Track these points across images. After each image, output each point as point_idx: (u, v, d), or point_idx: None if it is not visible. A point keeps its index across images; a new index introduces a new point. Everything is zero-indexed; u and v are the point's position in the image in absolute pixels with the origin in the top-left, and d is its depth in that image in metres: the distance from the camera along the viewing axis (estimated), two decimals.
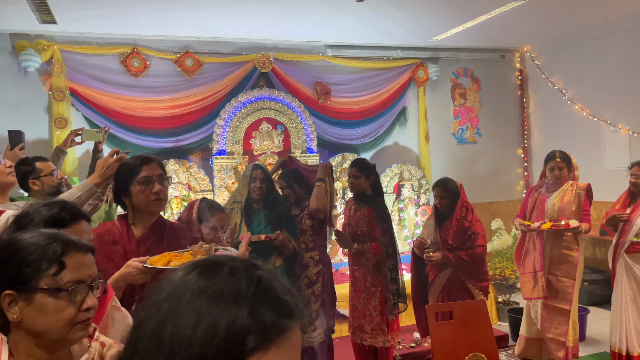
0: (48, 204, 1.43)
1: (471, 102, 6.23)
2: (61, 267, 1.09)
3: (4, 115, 4.50)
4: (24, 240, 1.11)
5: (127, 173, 1.98)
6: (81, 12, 4.11)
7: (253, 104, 5.07)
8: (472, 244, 3.35)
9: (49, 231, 1.16)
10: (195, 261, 0.65)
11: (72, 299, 1.09)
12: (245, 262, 0.64)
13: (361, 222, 3.40)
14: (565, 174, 3.76)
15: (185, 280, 0.61)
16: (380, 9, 4.39)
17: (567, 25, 5.27)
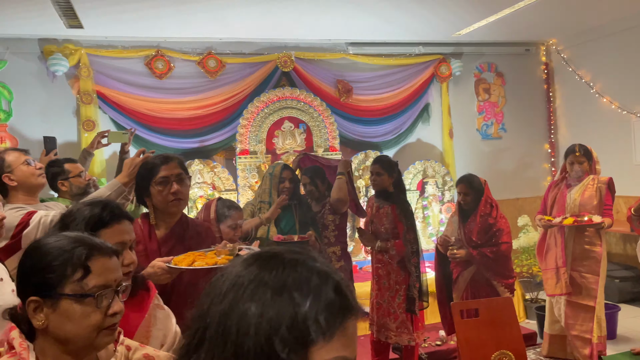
0: (91, 203, 1.44)
1: (495, 97, 6.14)
2: (86, 272, 1.07)
3: (35, 119, 4.62)
4: (48, 245, 1.09)
5: (147, 173, 1.99)
6: (107, 17, 4.19)
7: (275, 104, 5.10)
8: (497, 240, 3.32)
9: (74, 235, 1.14)
10: (254, 254, 0.67)
11: (98, 305, 1.07)
12: (303, 255, 0.66)
13: (384, 219, 3.39)
14: (586, 168, 3.69)
15: (248, 271, 0.64)
16: (401, 5, 4.36)
17: (594, 16, 5.15)
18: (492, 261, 3.30)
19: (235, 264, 0.67)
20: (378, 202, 3.48)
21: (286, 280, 0.61)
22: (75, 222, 1.38)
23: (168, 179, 1.96)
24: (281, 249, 0.68)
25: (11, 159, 2.29)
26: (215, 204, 2.79)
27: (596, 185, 3.65)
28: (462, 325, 2.66)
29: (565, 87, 6.14)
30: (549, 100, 6.32)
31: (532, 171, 6.22)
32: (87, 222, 1.37)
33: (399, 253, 3.34)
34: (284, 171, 3.37)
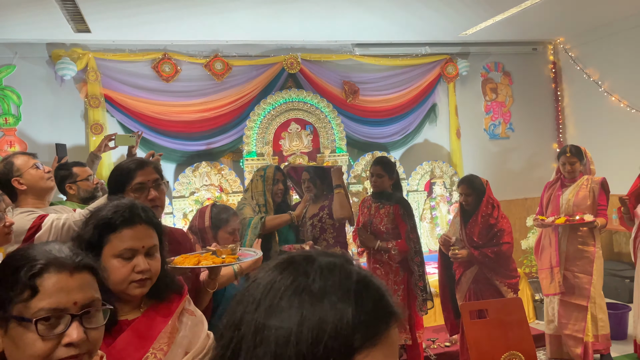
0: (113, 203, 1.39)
1: (503, 97, 6.11)
2: (33, 291, 0.90)
3: (43, 123, 4.66)
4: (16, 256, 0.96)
5: (121, 179, 1.88)
6: (114, 21, 4.22)
7: (282, 105, 5.10)
8: (498, 240, 3.32)
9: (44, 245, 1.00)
10: (285, 258, 0.63)
11: (40, 332, 0.89)
12: (339, 258, 0.63)
13: (385, 219, 3.41)
14: (578, 168, 3.72)
15: (282, 277, 0.60)
16: (407, 6, 4.35)
17: (602, 14, 5.11)
18: (494, 261, 3.30)
19: (267, 268, 0.63)
20: (378, 202, 3.49)
21: (325, 285, 0.58)
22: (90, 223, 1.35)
23: (145, 185, 1.86)
24: (314, 252, 0.64)
25: (20, 163, 2.30)
26: (209, 210, 2.69)
27: (590, 185, 3.68)
28: (471, 326, 2.64)
29: (573, 85, 6.10)
30: (557, 99, 6.28)
31: (541, 171, 6.17)
32: (95, 225, 1.34)
33: (402, 253, 3.36)
34: (277, 173, 3.35)
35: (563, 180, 3.84)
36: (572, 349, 3.67)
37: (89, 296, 0.96)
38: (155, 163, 1.97)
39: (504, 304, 2.77)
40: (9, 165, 2.30)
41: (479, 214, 3.36)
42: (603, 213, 3.64)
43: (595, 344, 3.64)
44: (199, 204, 4.80)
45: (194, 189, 4.84)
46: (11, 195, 2.28)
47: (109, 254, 1.34)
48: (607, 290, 4.86)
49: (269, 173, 3.32)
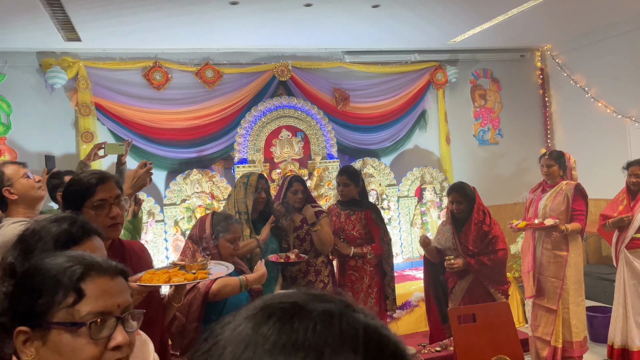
0: (56, 219, 1.27)
1: (492, 103, 6.18)
2: (79, 295, 0.89)
3: (33, 132, 4.65)
4: (42, 265, 0.94)
5: (79, 194, 1.73)
6: (104, 29, 4.23)
7: (273, 112, 5.13)
8: (494, 247, 3.31)
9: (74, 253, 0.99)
10: (266, 304, 0.47)
11: (93, 336, 0.88)
12: (335, 303, 0.47)
13: (358, 225, 3.49)
14: (556, 171, 3.77)
15: (262, 333, 0.44)
16: (396, 14, 4.40)
17: (588, 21, 5.20)
18: (490, 269, 3.29)
19: (239, 318, 0.47)
20: (347, 209, 3.56)
21: (324, 347, 0.43)
22: (43, 241, 1.20)
23: (106, 201, 1.74)
24: (301, 295, 0.48)
25: (10, 173, 2.28)
26: (210, 219, 2.61)
27: (565, 190, 3.72)
28: (459, 330, 2.67)
29: (561, 92, 6.19)
30: (545, 105, 6.36)
31: (530, 176, 6.23)
32: (56, 240, 1.21)
33: (378, 256, 3.47)
34: (260, 181, 3.28)
35: (545, 185, 3.89)
36: (540, 351, 3.75)
37: (128, 300, 0.96)
38: (117, 178, 1.85)
39: (491, 309, 2.80)
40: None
41: (472, 221, 3.35)
42: (580, 218, 3.66)
43: (569, 350, 3.67)
44: (190, 211, 4.80)
45: (185, 196, 4.85)
46: (1, 206, 2.27)
47: None
48: (596, 294, 4.93)
49: (252, 181, 3.27)
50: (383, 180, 5.43)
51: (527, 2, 4.33)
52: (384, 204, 5.38)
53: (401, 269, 5.29)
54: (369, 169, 5.42)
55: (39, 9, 3.66)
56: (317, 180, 5.15)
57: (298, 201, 3.38)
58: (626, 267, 3.65)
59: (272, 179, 5.02)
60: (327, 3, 4.00)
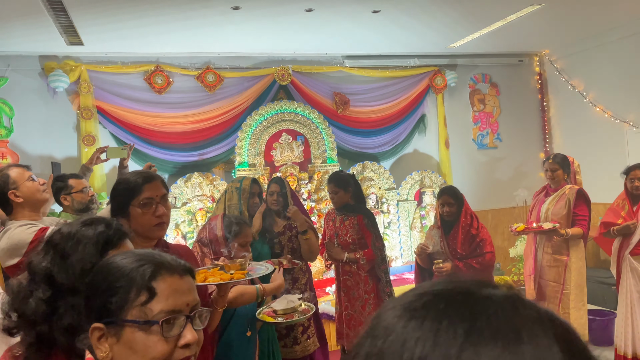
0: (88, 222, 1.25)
1: (490, 108, 6.22)
2: (151, 294, 0.91)
3: (35, 135, 4.68)
4: (114, 264, 0.97)
5: (128, 193, 1.75)
6: (106, 34, 4.26)
7: (273, 116, 5.16)
8: (482, 250, 3.33)
9: (142, 251, 1.00)
10: (434, 292, 0.44)
11: (164, 334, 0.90)
12: (500, 288, 0.45)
13: (351, 230, 3.47)
14: (560, 175, 3.76)
15: (445, 323, 0.41)
16: (395, 19, 4.44)
17: (586, 27, 5.24)
18: (479, 272, 3.30)
19: (401, 310, 0.44)
20: (341, 214, 3.54)
21: (518, 326, 0.41)
22: (82, 245, 1.19)
23: (152, 200, 1.75)
24: (461, 283, 0.46)
25: (16, 176, 2.27)
26: (221, 221, 2.52)
27: (567, 195, 3.72)
28: None
29: (559, 96, 6.23)
30: (543, 110, 6.40)
31: (528, 180, 6.28)
32: (96, 243, 1.20)
33: (370, 261, 3.42)
34: (254, 185, 3.20)
35: (548, 189, 3.90)
36: None
37: (196, 298, 0.98)
38: (162, 177, 1.88)
39: None
40: (4, 177, 2.26)
41: (460, 225, 3.36)
42: (582, 223, 3.65)
43: None
44: (191, 214, 4.83)
45: (186, 199, 4.87)
46: (5, 208, 2.25)
47: None
48: (594, 297, 4.96)
49: (246, 185, 3.16)
50: (383, 184, 5.46)
51: (526, 7, 4.37)
52: (384, 208, 5.40)
53: (400, 272, 5.32)
54: (368, 172, 5.45)
55: (42, 13, 3.69)
56: (317, 183, 5.17)
57: (274, 203, 3.31)
58: (630, 273, 3.61)
59: None
60: (327, 8, 4.04)
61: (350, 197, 3.51)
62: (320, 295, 4.54)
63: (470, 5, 4.21)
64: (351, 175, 3.63)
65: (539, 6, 4.35)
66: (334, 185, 3.50)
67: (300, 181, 5.09)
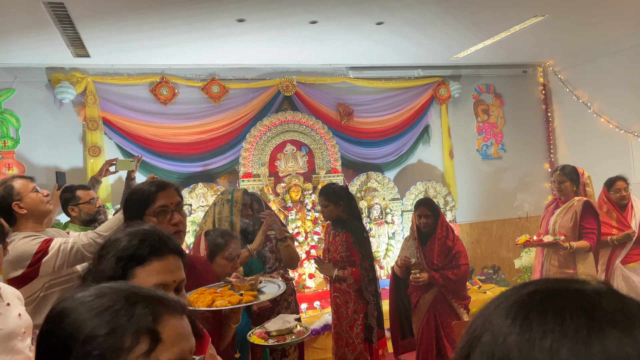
0: (132, 231, 1.14)
1: (494, 118, 6.23)
2: (155, 340, 0.70)
3: (42, 146, 4.71)
4: (83, 305, 0.72)
5: (141, 201, 1.72)
6: (113, 46, 4.30)
7: (277, 127, 5.18)
8: (457, 262, 3.32)
9: (118, 285, 0.77)
10: (532, 289, 0.50)
11: None
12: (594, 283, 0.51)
13: (339, 247, 3.33)
14: (568, 187, 3.71)
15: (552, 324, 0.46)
16: (399, 31, 4.47)
17: (589, 38, 5.25)
18: (454, 283, 3.29)
19: (501, 317, 0.49)
20: (334, 229, 3.41)
21: (625, 317, 0.46)
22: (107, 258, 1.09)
23: (167, 208, 1.72)
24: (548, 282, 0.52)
25: (20, 187, 2.27)
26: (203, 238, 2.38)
27: (575, 207, 3.69)
28: None
29: (563, 107, 6.23)
30: (548, 121, 6.40)
31: (533, 190, 6.26)
32: (118, 258, 1.09)
33: (357, 282, 3.27)
34: (245, 197, 3.06)
35: (558, 201, 3.86)
36: None
37: (194, 342, 0.79)
38: (177, 185, 1.83)
39: None
40: (8, 189, 2.26)
41: (436, 236, 3.35)
42: (589, 236, 3.58)
43: None
44: (195, 224, 4.83)
45: (190, 210, 4.88)
46: (9, 220, 2.23)
47: None
48: None
49: (237, 197, 3.01)
50: (387, 195, 5.45)
51: (529, 19, 4.39)
52: (388, 218, 5.40)
53: None
54: (372, 183, 5.45)
55: (49, 25, 3.73)
56: None
57: (247, 218, 3.07)
58: (623, 282, 3.66)
59: (277, 192, 5.05)
60: (331, 20, 4.07)
61: (342, 211, 3.36)
62: (325, 307, 4.51)
63: (474, 16, 4.24)
64: (343, 188, 3.51)
65: (542, 17, 4.36)
66: (324, 198, 3.36)
67: (305, 192, 5.09)
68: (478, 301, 4.54)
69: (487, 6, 4.02)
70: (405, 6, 3.87)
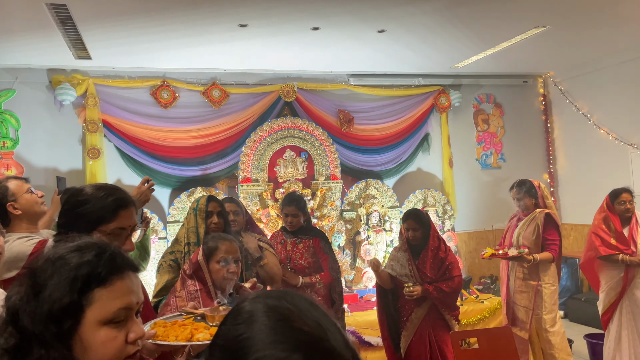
0: (81, 245, 0.95)
1: (494, 128, 6.24)
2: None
3: (41, 147, 4.70)
4: None
5: (97, 215, 1.51)
6: (114, 48, 4.31)
7: (277, 133, 5.18)
8: (450, 274, 3.26)
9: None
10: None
11: None
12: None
13: (305, 254, 3.37)
14: (527, 202, 3.81)
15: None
16: (401, 39, 4.48)
17: (590, 49, 5.27)
18: (448, 295, 3.23)
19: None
20: (294, 237, 3.41)
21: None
22: (58, 277, 0.89)
23: (124, 231, 1.56)
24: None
25: (15, 188, 2.25)
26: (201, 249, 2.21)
27: (536, 219, 3.76)
28: (462, 355, 2.67)
29: (563, 118, 6.24)
30: (547, 131, 6.41)
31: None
32: (72, 279, 0.88)
33: (327, 285, 3.33)
34: (210, 203, 2.75)
35: (521, 214, 3.93)
36: None
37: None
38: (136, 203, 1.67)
39: (493, 334, 2.80)
40: (3, 189, 2.24)
41: (429, 248, 3.27)
42: (552, 248, 3.67)
43: None
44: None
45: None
46: (3, 221, 2.20)
47: (94, 319, 0.89)
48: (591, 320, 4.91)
49: (201, 205, 2.73)
50: (386, 202, 5.45)
51: (530, 30, 4.40)
52: (386, 226, 5.39)
53: None
54: (371, 190, 5.45)
55: (52, 27, 3.74)
56: (320, 200, 5.17)
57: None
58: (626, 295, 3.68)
59: (276, 198, 5.05)
60: (334, 27, 4.08)
61: (304, 220, 3.43)
62: None
63: (475, 26, 4.25)
64: (304, 199, 3.60)
65: (543, 28, 4.38)
66: (296, 208, 3.37)
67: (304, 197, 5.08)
68: (475, 311, 4.53)
69: (488, 16, 4.04)
70: (407, 15, 3.88)
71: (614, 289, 3.74)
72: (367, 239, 5.27)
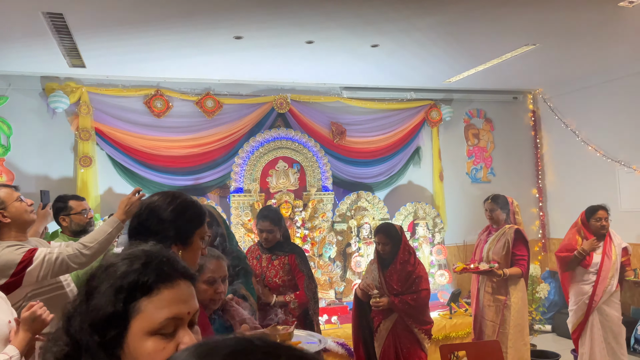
0: (133, 254, 0.91)
1: (484, 142, 6.31)
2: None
3: (32, 154, 4.69)
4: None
5: (195, 218, 1.64)
6: (109, 57, 4.32)
7: (270, 144, 5.21)
8: (417, 287, 3.28)
9: None
10: None
11: None
12: None
13: (280, 271, 3.23)
14: (498, 216, 3.89)
15: None
16: (394, 54, 4.54)
17: (579, 67, 5.37)
18: (413, 308, 3.25)
19: None
20: (270, 253, 3.27)
21: None
22: (105, 285, 0.86)
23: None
24: None
25: (4, 196, 2.23)
26: None
27: (506, 235, 3.83)
28: None
29: (552, 134, 6.33)
30: (537, 147, 6.49)
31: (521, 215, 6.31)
32: (117, 289, 0.85)
33: (302, 305, 3.18)
34: None
35: (491, 228, 4.00)
36: None
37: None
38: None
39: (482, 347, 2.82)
40: None
41: (397, 261, 3.30)
42: (521, 263, 3.75)
43: None
44: None
45: None
46: None
47: (140, 330, 0.85)
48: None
49: None
50: (377, 214, 5.48)
51: (521, 47, 4.48)
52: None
53: None
54: (363, 202, 5.48)
55: (47, 35, 3.74)
56: (312, 211, 5.19)
57: None
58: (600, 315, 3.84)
59: None
60: (328, 41, 4.13)
61: (281, 235, 3.28)
62: None
63: (467, 42, 4.33)
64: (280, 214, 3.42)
65: (533, 46, 4.47)
66: (270, 223, 3.21)
67: (295, 209, 5.10)
68: (464, 324, 4.55)
69: (479, 33, 4.11)
70: (400, 30, 3.95)
71: (582, 308, 3.84)
72: (357, 250, 5.29)
